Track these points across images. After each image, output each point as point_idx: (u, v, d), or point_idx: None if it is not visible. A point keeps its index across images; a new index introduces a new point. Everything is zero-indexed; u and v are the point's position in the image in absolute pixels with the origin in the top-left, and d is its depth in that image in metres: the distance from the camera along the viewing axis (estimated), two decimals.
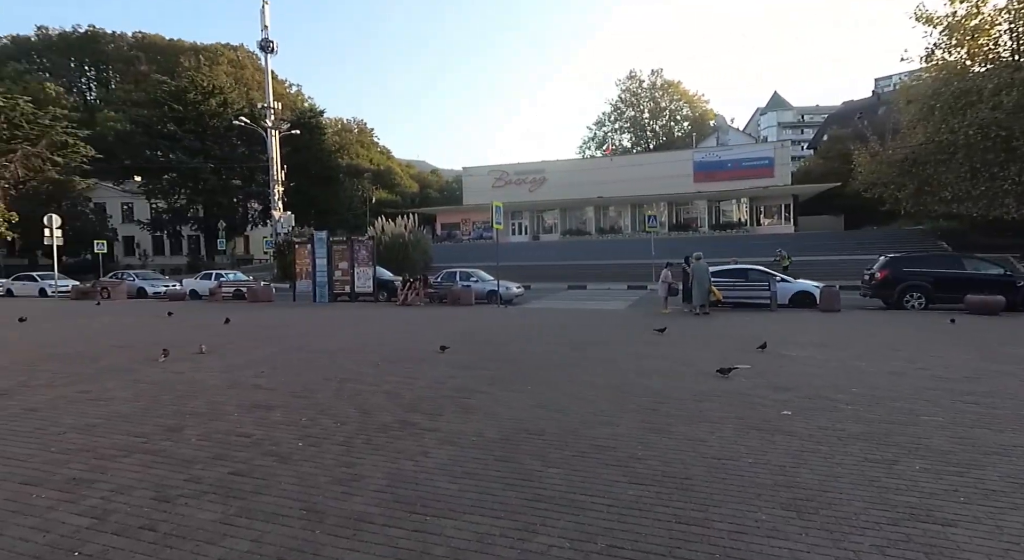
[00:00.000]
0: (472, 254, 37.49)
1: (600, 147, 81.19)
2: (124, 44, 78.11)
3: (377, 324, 13.76)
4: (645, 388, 6.54)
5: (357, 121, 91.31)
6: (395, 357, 8.73)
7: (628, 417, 5.34)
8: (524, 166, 54.95)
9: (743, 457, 4.22)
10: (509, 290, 20.56)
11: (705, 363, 7.99)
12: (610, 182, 50.30)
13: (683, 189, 48.66)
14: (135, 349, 9.55)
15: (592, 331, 11.87)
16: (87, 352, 9.34)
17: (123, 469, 3.95)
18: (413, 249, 30.06)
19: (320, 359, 8.58)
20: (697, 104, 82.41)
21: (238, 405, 5.78)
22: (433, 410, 5.62)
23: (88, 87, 78.11)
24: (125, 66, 75.60)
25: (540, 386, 6.67)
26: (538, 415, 5.44)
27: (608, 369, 7.69)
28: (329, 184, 53.89)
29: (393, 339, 10.92)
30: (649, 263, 28.16)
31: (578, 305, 19.67)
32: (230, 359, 8.56)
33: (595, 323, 13.57)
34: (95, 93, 77.09)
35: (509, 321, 14.27)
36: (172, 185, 47.41)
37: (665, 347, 9.56)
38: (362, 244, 21.10)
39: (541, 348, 9.55)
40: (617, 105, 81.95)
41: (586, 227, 52.25)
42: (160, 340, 10.60)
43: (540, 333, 11.62)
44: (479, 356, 8.80)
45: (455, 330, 12.23)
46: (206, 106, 47.34)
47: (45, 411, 5.53)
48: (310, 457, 4.25)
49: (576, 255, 38.84)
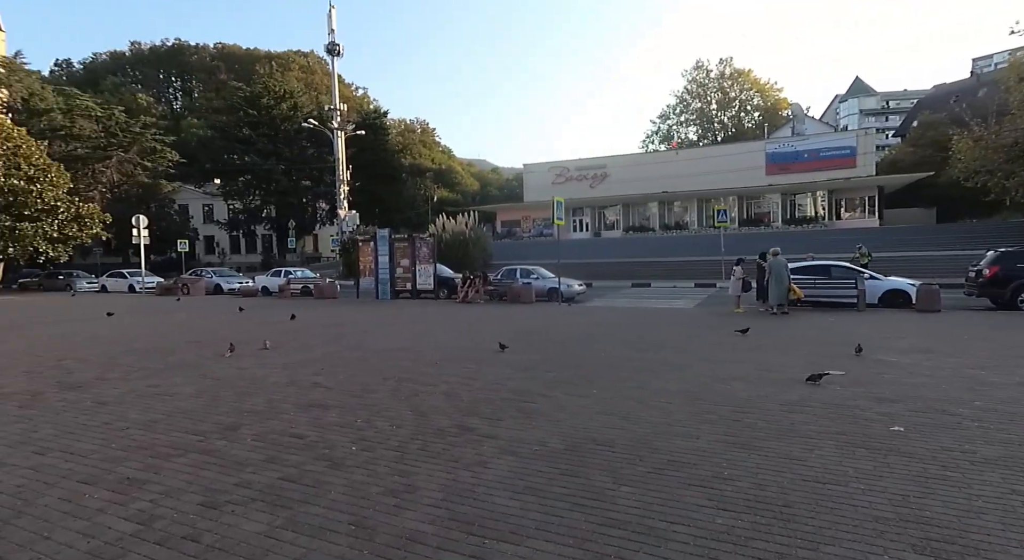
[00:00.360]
0: (532, 251, 37.16)
1: (664, 141, 79.00)
2: (206, 55, 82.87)
3: (437, 322, 13.64)
4: (724, 395, 5.95)
5: (420, 121, 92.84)
6: (453, 356, 8.48)
7: (708, 428, 4.80)
8: (585, 161, 54.06)
9: (852, 482, 3.62)
10: (570, 288, 20.06)
11: (790, 368, 7.27)
12: (675, 176, 48.68)
13: (754, 182, 46.39)
14: (205, 344, 9.77)
15: (660, 331, 11.23)
16: (161, 346, 9.64)
17: (176, 470, 3.83)
18: (473, 246, 30.05)
19: (379, 358, 8.44)
20: (769, 93, 78.49)
21: (295, 404, 5.65)
22: (492, 414, 5.28)
23: (174, 96, 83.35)
24: (207, 75, 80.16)
25: (606, 391, 6.20)
26: (605, 423, 4.99)
27: (681, 373, 7.12)
28: (392, 183, 54.98)
29: (452, 337, 10.71)
30: (718, 260, 26.88)
31: (643, 303, 18.92)
32: (292, 356, 8.57)
33: (663, 323, 12.89)
34: (180, 102, 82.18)
35: (571, 320, 13.80)
36: (247, 186, 49.74)
37: (742, 350, 8.84)
38: (423, 242, 21.16)
39: (606, 349, 9.05)
40: (683, 97, 79.43)
41: (649, 223, 50.81)
42: (229, 336, 10.85)
43: (604, 333, 11.10)
44: (540, 356, 8.41)
45: (515, 329, 11.90)
46: (278, 110, 49.32)
47: (114, 405, 5.59)
48: (363, 463, 3.99)
49: (639, 252, 37.74)
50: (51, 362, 7.99)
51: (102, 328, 12.59)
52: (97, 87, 61.47)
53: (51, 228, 29.70)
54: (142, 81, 76.61)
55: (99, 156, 44.11)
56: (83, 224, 31.54)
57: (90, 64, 79.34)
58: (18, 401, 5.71)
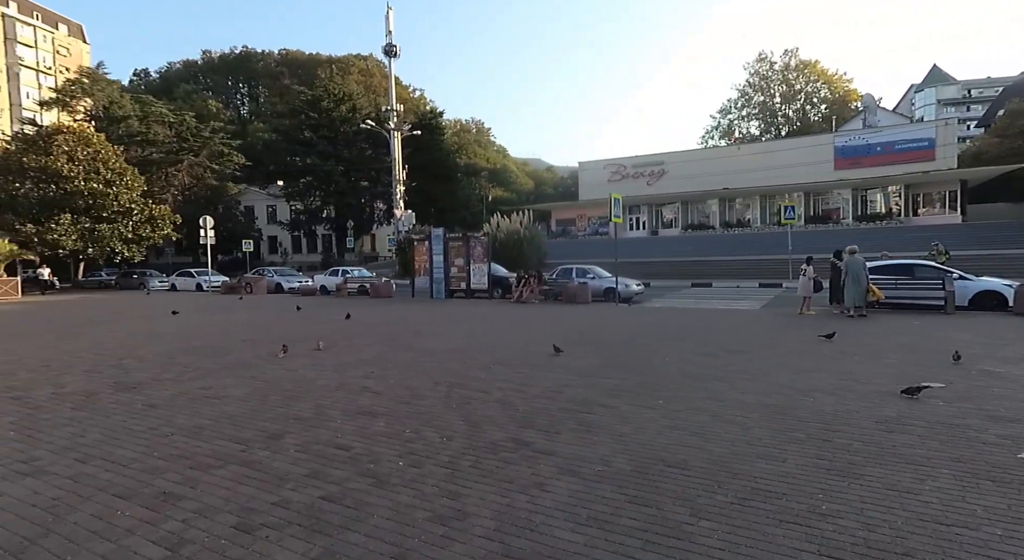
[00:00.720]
0: (588, 250, 36.44)
1: (724, 137, 76.23)
2: (271, 61, 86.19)
3: (490, 322, 13.34)
4: (810, 409, 5.32)
5: (475, 121, 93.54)
6: (507, 359, 8.11)
7: (795, 450, 4.23)
8: (642, 158, 52.73)
9: (984, 524, 3.01)
10: (628, 287, 19.37)
11: (879, 379, 6.52)
12: (737, 172, 46.81)
13: (822, 177, 43.96)
14: (260, 344, 9.81)
15: (728, 335, 10.50)
16: (219, 346, 9.74)
17: (214, 484, 3.62)
18: (528, 245, 29.66)
19: (431, 360, 8.18)
20: (838, 84, 74.36)
21: (343, 410, 5.42)
22: (549, 426, 4.87)
23: (241, 102, 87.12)
24: (271, 81, 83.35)
25: (674, 402, 5.68)
26: (676, 440, 4.49)
27: (756, 382, 6.49)
28: (448, 183, 55.36)
29: (506, 339, 10.36)
30: (784, 258, 25.48)
31: (705, 304, 18.03)
32: (343, 357, 8.43)
33: (729, 325, 12.11)
34: (247, 107, 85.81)
35: (630, 321, 13.20)
36: (308, 188, 51.21)
37: (822, 356, 8.07)
38: (477, 241, 20.96)
39: (670, 354, 8.47)
40: (744, 90, 76.46)
41: (709, 221, 49.00)
42: (284, 335, 10.89)
43: (667, 336, 10.47)
44: (599, 361, 7.93)
45: (571, 330, 11.43)
46: (337, 112, 50.50)
47: (164, 408, 5.52)
48: (410, 481, 3.67)
49: (699, 250, 36.39)
50: (112, 361, 8.15)
51: (166, 326, 12.97)
52: (171, 94, 64.94)
53: (126, 229, 31.44)
54: (212, 88, 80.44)
55: (171, 160, 46.46)
56: (155, 225, 33.23)
57: (166, 73, 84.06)
58: (73, 402, 5.74)
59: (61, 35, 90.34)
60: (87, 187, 30.00)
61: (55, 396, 6.02)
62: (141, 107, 47.73)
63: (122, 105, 46.59)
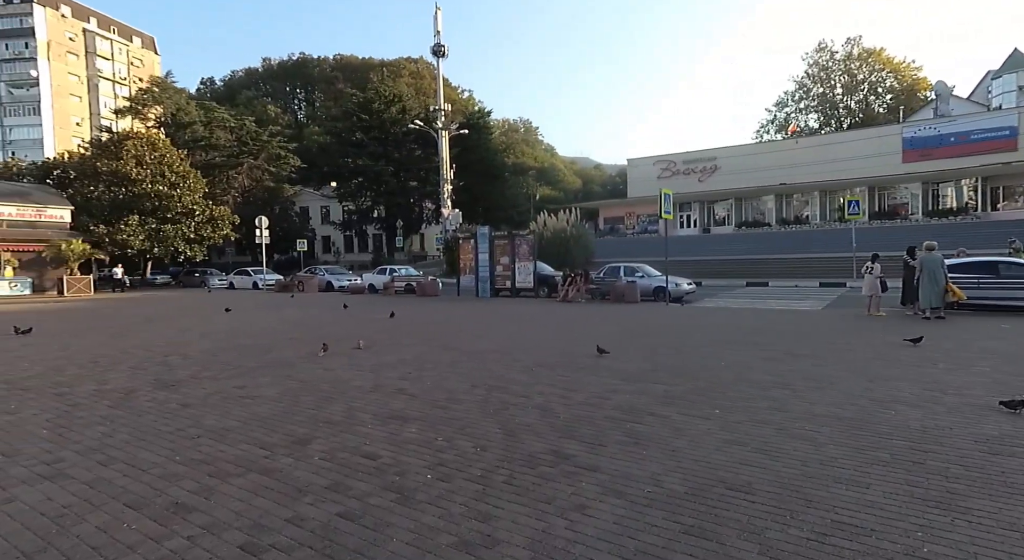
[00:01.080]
0: (636, 248, 35.55)
1: (781, 131, 73.00)
2: (327, 66, 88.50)
3: (534, 322, 12.95)
4: (892, 424, 4.69)
5: (523, 121, 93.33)
6: (551, 361, 7.70)
7: (879, 473, 3.65)
8: (693, 154, 51.15)
9: None
10: (679, 286, 18.59)
11: (971, 389, 5.77)
12: (794, 167, 44.74)
13: (888, 171, 41.43)
14: (303, 342, 9.76)
15: (790, 337, 9.74)
16: (263, 344, 9.75)
17: (230, 494, 3.38)
18: (575, 244, 29.09)
19: (471, 361, 7.86)
20: (905, 73, 69.89)
21: (375, 414, 5.16)
22: (593, 437, 4.44)
23: (298, 106, 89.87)
24: (326, 85, 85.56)
25: (733, 412, 5.14)
26: (736, 457, 3.98)
27: (826, 391, 5.85)
28: (495, 182, 55.32)
29: (550, 339, 9.95)
30: (847, 256, 23.98)
31: (761, 304, 17.07)
32: (383, 356, 8.23)
33: (790, 327, 11.29)
34: (303, 111, 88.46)
35: (681, 321, 12.54)
36: (359, 188, 52.20)
37: (900, 363, 7.28)
38: (523, 239, 20.63)
39: (725, 357, 7.86)
40: (802, 82, 72.95)
41: (765, 218, 47.02)
42: (329, 333, 10.85)
43: (722, 337, 9.80)
44: (648, 364, 7.42)
45: (619, 331, 10.91)
46: (388, 114, 51.24)
47: (196, 408, 5.41)
48: (436, 498, 3.33)
49: (753, 248, 34.90)
50: (159, 358, 8.23)
51: (218, 324, 13.21)
52: (234, 101, 67.62)
53: (189, 229, 32.80)
54: (272, 94, 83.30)
55: (232, 163, 48.28)
56: (216, 225, 34.54)
57: (229, 81, 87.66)
58: (111, 400, 5.72)
59: (135, 47, 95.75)
60: (153, 189, 31.43)
61: (96, 393, 6.03)
62: (205, 113, 49.80)
63: (188, 112, 48.73)
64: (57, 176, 36.08)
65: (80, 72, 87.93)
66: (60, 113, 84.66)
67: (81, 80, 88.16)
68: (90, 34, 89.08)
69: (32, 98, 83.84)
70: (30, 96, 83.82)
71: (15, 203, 28.05)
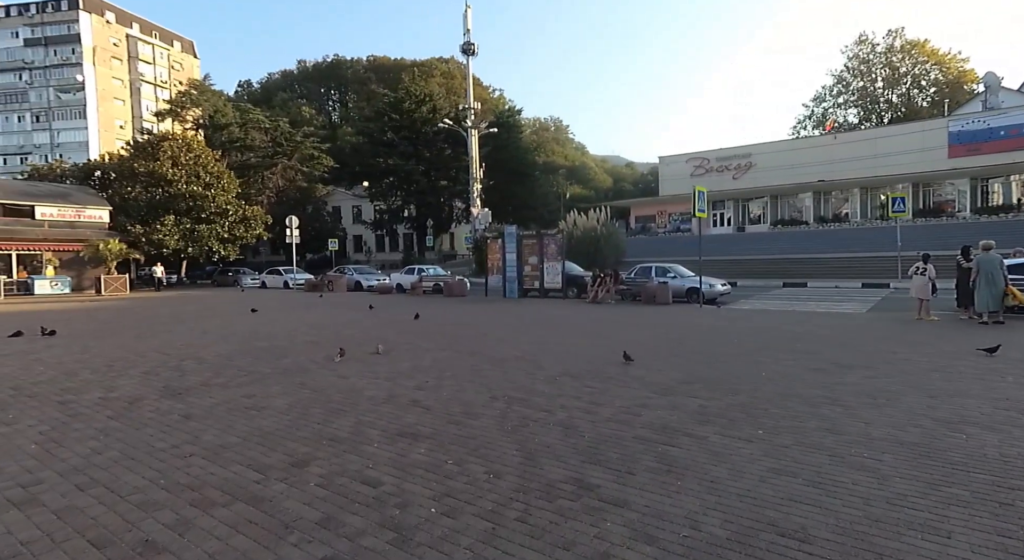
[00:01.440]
0: (668, 248, 34.66)
1: (819, 126, 70.46)
2: (360, 67, 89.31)
3: (562, 324, 12.47)
4: (965, 451, 4.09)
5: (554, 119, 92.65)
6: (577, 370, 7.24)
7: (960, 517, 3.10)
8: (727, 151, 49.75)
9: None
10: (713, 287, 17.85)
11: None
12: (833, 163, 43.11)
13: (934, 166, 39.50)
14: (322, 346, 9.50)
15: (836, 344, 9.04)
16: (281, 347, 9.53)
17: (208, 529, 3.03)
18: (605, 243, 28.46)
19: (493, 368, 7.45)
20: (952, 65, 66.55)
21: (384, 430, 4.78)
22: (621, 462, 3.98)
23: (332, 108, 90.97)
24: (359, 86, 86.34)
25: (778, 433, 4.60)
26: (786, 491, 3.46)
27: (883, 409, 5.25)
28: (525, 180, 54.88)
29: (577, 344, 9.46)
30: (891, 255, 22.78)
31: (801, 306, 16.21)
32: (400, 362, 7.88)
33: (835, 332, 10.55)
34: (337, 112, 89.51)
35: (717, 325, 11.88)
36: (390, 188, 52.41)
37: (964, 376, 6.58)
38: (551, 238, 20.15)
39: (767, 367, 7.26)
40: (841, 76, 70.25)
41: (802, 216, 45.37)
42: (351, 336, 10.59)
43: (760, 344, 9.15)
44: (682, 374, 6.88)
45: (650, 336, 10.36)
46: (418, 113, 51.26)
47: (198, 420, 5.12)
48: (439, 539, 2.92)
49: (790, 247, 33.64)
50: (174, 362, 8.05)
51: (241, 325, 13.11)
52: (270, 103, 68.77)
53: (223, 229, 33.27)
54: (306, 95, 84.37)
55: (267, 164, 49.00)
56: (248, 225, 34.96)
57: (266, 83, 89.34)
58: (113, 410, 5.48)
59: (175, 52, 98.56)
60: (188, 190, 31.98)
61: (101, 401, 5.82)
62: (240, 114, 50.65)
63: (224, 113, 49.66)
64: (98, 177, 37.09)
65: (123, 76, 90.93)
66: (104, 116, 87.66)
67: (124, 84, 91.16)
68: (133, 39, 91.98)
69: (78, 102, 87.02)
70: (76, 100, 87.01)
71: (56, 204, 28.87)
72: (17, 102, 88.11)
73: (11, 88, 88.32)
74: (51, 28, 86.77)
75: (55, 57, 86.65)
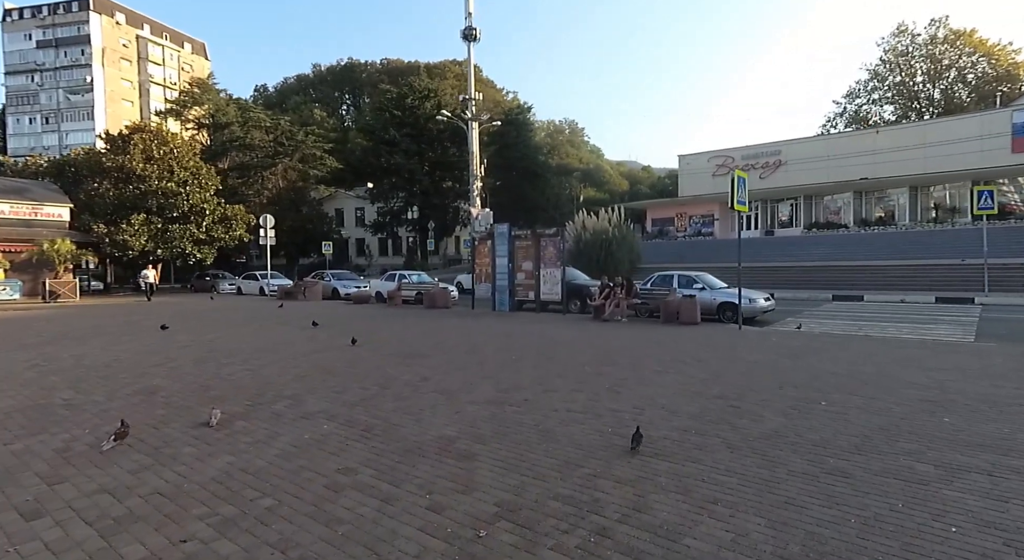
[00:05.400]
0: (689, 253, 30.97)
1: (851, 124, 65.87)
2: (373, 70, 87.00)
3: (554, 357, 8.86)
4: None
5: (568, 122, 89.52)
6: (574, 456, 3.71)
7: None
8: (754, 148, 45.72)
9: None
10: (754, 302, 14.17)
11: None
12: (875, 160, 39.05)
13: (997, 161, 35.17)
14: (148, 403, 6.06)
15: (978, 401, 5.32)
16: (66, 405, 6.14)
17: None
18: (618, 247, 24.81)
19: (427, 464, 3.97)
20: (1002, 56, 61.64)
21: None
22: None
23: (346, 111, 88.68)
24: (373, 89, 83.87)
25: None
26: None
27: None
28: (537, 181, 51.67)
29: (567, 402, 5.89)
30: (966, 263, 18.88)
31: (876, 330, 12.41)
32: (215, 458, 4.38)
33: (962, 377, 6.63)
34: (351, 115, 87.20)
35: (775, 363, 8.14)
36: (392, 188, 49.48)
37: None
38: (550, 240, 16.54)
39: (872, 437, 3.63)
40: (877, 71, 65.66)
41: (840, 218, 41.24)
42: (229, 376, 7.20)
43: (861, 402, 5.44)
44: (730, 458, 3.32)
45: (677, 382, 6.72)
46: (422, 110, 48.25)
47: None
48: None
49: (830, 253, 29.73)
50: None
51: (94, 352, 9.78)
52: (283, 106, 66.62)
53: (198, 229, 30.18)
54: (320, 99, 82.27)
55: (268, 164, 46.45)
56: (229, 225, 31.90)
57: (281, 87, 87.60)
58: None
59: (186, 53, 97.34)
60: (160, 187, 29.06)
61: None
62: (241, 113, 48.32)
63: (226, 112, 47.43)
64: (72, 173, 34.38)
65: (132, 77, 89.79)
66: (113, 117, 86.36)
67: (133, 85, 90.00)
68: (143, 40, 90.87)
69: (86, 103, 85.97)
70: (85, 101, 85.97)
71: (10, 200, 26.05)
72: (28, 104, 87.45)
73: (23, 90, 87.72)
74: (62, 30, 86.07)
75: (65, 58, 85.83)
